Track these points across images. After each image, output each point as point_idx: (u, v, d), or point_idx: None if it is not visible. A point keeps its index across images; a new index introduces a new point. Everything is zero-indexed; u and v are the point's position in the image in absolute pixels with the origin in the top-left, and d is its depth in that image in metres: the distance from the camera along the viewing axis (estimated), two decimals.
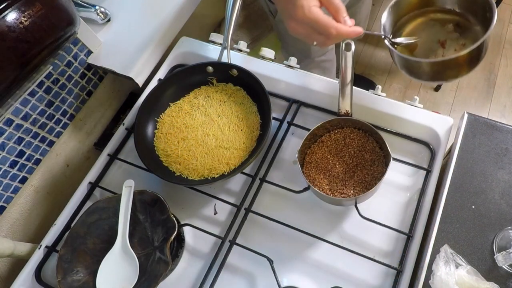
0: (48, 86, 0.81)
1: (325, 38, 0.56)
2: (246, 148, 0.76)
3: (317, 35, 0.56)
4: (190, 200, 0.77)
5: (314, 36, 0.57)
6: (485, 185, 0.68)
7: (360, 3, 1.14)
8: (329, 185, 0.70)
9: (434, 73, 0.66)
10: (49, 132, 0.83)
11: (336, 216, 0.73)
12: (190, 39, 0.91)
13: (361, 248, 0.68)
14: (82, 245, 0.69)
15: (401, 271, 0.66)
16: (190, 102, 0.81)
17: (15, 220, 0.80)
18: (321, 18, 0.55)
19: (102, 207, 0.70)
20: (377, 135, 0.70)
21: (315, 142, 0.74)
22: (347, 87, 0.70)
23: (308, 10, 0.54)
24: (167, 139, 0.78)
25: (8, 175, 0.77)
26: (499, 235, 0.64)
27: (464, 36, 0.68)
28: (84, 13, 0.88)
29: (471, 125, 0.73)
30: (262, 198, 0.75)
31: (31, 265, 0.72)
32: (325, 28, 0.55)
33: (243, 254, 0.70)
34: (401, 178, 0.75)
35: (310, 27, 0.56)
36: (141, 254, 0.68)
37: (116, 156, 0.82)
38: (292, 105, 0.82)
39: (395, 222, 0.71)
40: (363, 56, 1.90)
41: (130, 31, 0.91)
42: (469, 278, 0.58)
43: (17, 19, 0.59)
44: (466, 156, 0.70)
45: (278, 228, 0.71)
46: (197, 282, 0.69)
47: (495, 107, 1.76)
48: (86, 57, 0.88)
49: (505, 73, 1.83)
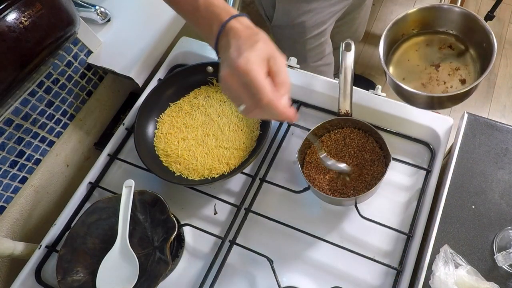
0: (48, 86, 0.81)
1: (254, 104, 0.48)
2: (246, 148, 0.76)
3: (247, 97, 0.48)
4: (190, 200, 0.77)
5: (244, 96, 0.48)
6: (485, 185, 0.68)
7: (360, 8, 1.13)
8: (329, 185, 0.70)
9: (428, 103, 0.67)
10: (49, 132, 0.83)
11: (336, 216, 0.73)
12: (190, 39, 0.91)
13: (361, 248, 0.68)
14: (82, 245, 0.68)
15: (401, 271, 0.66)
16: (190, 102, 0.81)
17: (15, 220, 0.80)
18: (260, 79, 0.46)
19: (102, 207, 0.70)
20: (377, 135, 0.70)
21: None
22: (347, 87, 0.70)
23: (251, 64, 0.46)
24: (167, 139, 0.78)
25: (8, 175, 0.77)
26: (499, 235, 0.64)
27: (458, 59, 0.69)
28: (84, 13, 0.88)
29: (471, 125, 0.73)
30: (262, 198, 0.75)
31: (31, 265, 0.72)
32: (258, 91, 0.46)
33: (243, 254, 0.70)
34: (401, 178, 0.75)
35: (243, 84, 0.47)
36: (141, 254, 0.68)
37: (116, 156, 0.82)
38: (292, 105, 0.82)
39: (395, 222, 0.71)
40: (363, 56, 1.90)
41: (130, 31, 0.91)
42: (469, 278, 0.58)
43: (17, 19, 0.59)
44: (466, 156, 0.70)
45: (278, 228, 0.71)
46: (197, 282, 0.69)
47: (495, 107, 1.76)
48: (86, 57, 0.88)
49: (505, 73, 1.83)
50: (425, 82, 0.69)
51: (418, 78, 0.70)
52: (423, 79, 0.69)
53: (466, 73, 0.68)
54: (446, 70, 0.69)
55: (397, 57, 0.72)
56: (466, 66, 0.68)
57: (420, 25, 0.71)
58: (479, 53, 0.67)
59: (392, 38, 0.71)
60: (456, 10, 0.67)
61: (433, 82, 0.68)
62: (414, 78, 0.70)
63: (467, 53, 0.69)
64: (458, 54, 0.69)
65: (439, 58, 0.70)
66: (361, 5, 1.12)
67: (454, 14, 0.68)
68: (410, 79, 0.70)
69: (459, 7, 0.67)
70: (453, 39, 0.70)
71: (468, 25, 0.67)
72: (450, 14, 0.68)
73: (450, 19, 0.69)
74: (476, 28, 0.66)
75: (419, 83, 0.69)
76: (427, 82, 0.69)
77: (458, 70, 0.68)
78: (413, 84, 0.69)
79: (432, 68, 0.69)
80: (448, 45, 0.70)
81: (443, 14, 0.69)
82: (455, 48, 0.70)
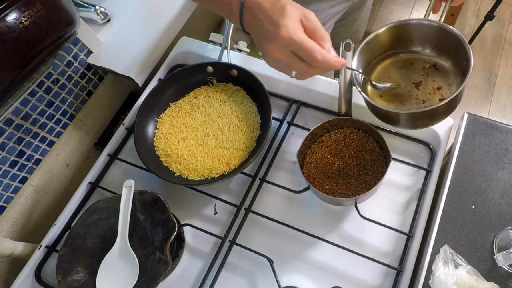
0: (48, 86, 0.81)
1: (307, 66, 0.50)
2: (246, 148, 0.76)
3: (299, 61, 0.49)
4: (190, 200, 0.77)
5: (295, 63, 0.50)
6: (485, 185, 0.68)
7: (360, 10, 1.13)
8: (329, 185, 0.70)
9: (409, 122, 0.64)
10: (49, 132, 0.83)
11: (336, 216, 0.73)
12: (190, 39, 0.91)
13: (361, 248, 0.68)
14: (82, 245, 0.68)
15: (401, 271, 0.66)
16: (190, 102, 0.82)
17: (15, 220, 0.80)
18: (307, 41, 0.48)
19: (102, 207, 0.70)
20: (377, 135, 0.70)
21: (315, 142, 0.74)
22: (347, 87, 0.70)
23: (292, 31, 0.48)
24: (167, 139, 0.78)
25: (8, 175, 0.77)
26: (499, 235, 0.64)
27: (441, 79, 0.66)
28: (84, 13, 0.88)
29: (471, 125, 0.73)
30: (262, 198, 0.75)
31: (31, 265, 0.72)
32: (309, 53, 0.48)
33: (243, 254, 0.70)
34: (401, 178, 0.75)
35: (291, 52, 0.49)
36: (141, 254, 0.68)
37: (116, 156, 0.82)
38: (292, 105, 0.82)
39: (395, 222, 0.71)
40: None
41: (130, 31, 0.91)
42: (469, 278, 0.59)
43: (17, 19, 0.59)
44: (466, 156, 0.70)
45: (278, 228, 0.71)
46: (197, 282, 0.69)
47: (495, 107, 1.76)
48: (86, 57, 0.88)
49: (505, 73, 1.83)
50: (403, 100, 0.66)
51: (395, 96, 0.67)
52: (402, 97, 0.66)
53: (448, 93, 0.65)
54: (428, 89, 0.66)
55: (379, 72, 0.70)
56: (449, 86, 0.65)
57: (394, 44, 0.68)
58: (461, 68, 0.64)
59: (371, 54, 0.68)
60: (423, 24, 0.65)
61: (412, 100, 0.66)
62: (395, 99, 0.67)
63: (450, 72, 0.66)
64: (441, 73, 0.67)
65: (422, 76, 0.67)
66: (361, 6, 1.12)
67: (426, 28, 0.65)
68: (387, 97, 0.67)
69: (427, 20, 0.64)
70: (439, 58, 0.68)
71: (444, 39, 0.64)
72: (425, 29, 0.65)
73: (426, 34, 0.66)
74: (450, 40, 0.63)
75: (398, 100, 0.67)
76: (406, 101, 0.66)
77: (440, 89, 0.65)
78: (392, 103, 0.66)
79: (412, 86, 0.67)
80: (432, 63, 0.68)
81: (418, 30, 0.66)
82: (440, 67, 0.67)
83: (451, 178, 0.69)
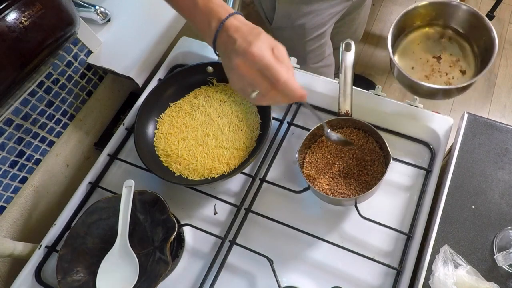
0: (48, 86, 0.81)
1: (270, 86, 0.51)
2: (246, 148, 0.76)
3: (263, 80, 0.51)
4: (190, 200, 0.77)
5: (259, 80, 0.51)
6: (485, 185, 0.68)
7: (359, 9, 1.13)
8: (329, 185, 0.70)
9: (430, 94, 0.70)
10: (49, 132, 0.83)
11: (336, 216, 0.73)
12: (190, 39, 0.91)
13: (361, 248, 0.68)
14: (82, 245, 0.68)
15: (401, 271, 0.66)
16: (190, 102, 0.82)
17: (15, 220, 0.80)
18: (275, 62, 0.50)
19: (102, 207, 0.70)
20: (377, 135, 0.70)
21: (315, 142, 0.74)
22: (347, 87, 0.70)
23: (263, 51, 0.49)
24: (167, 139, 0.78)
25: (8, 175, 0.77)
26: (499, 235, 0.64)
27: (457, 51, 0.73)
28: (84, 13, 0.88)
29: (471, 125, 0.73)
30: (262, 198, 0.75)
31: (31, 265, 0.72)
32: (275, 73, 0.49)
33: (243, 254, 0.70)
34: (401, 178, 0.75)
35: (258, 70, 0.50)
36: (141, 254, 0.68)
37: (116, 156, 0.82)
38: (292, 105, 0.82)
39: (395, 222, 0.71)
40: (363, 56, 1.90)
41: (130, 31, 0.91)
42: (469, 278, 0.58)
43: (17, 19, 0.59)
44: (466, 156, 0.70)
45: (278, 228, 0.71)
46: (197, 282, 0.69)
47: (495, 107, 1.76)
48: (86, 57, 0.88)
49: (505, 73, 1.83)
50: (428, 74, 0.72)
51: (421, 70, 0.73)
52: (426, 71, 0.73)
53: (466, 64, 0.71)
54: (447, 62, 0.72)
55: (402, 49, 0.75)
56: (465, 58, 0.72)
57: (425, 18, 0.74)
58: (480, 49, 0.70)
59: (398, 30, 0.73)
60: (462, 8, 0.70)
61: (436, 73, 0.72)
62: (418, 70, 0.73)
63: (467, 46, 0.72)
64: (457, 46, 0.73)
65: (440, 50, 0.73)
66: (361, 5, 1.12)
67: (459, 11, 0.70)
68: (415, 70, 0.73)
69: (466, 5, 0.69)
70: (453, 32, 0.74)
71: (471, 21, 0.70)
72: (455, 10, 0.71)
73: (453, 15, 0.72)
74: (478, 25, 0.68)
75: (423, 75, 0.72)
76: (430, 74, 0.72)
77: (458, 61, 0.72)
78: (417, 75, 0.73)
79: (434, 60, 0.73)
80: (447, 37, 0.74)
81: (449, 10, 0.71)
82: (455, 40, 0.73)
83: (451, 178, 0.68)
